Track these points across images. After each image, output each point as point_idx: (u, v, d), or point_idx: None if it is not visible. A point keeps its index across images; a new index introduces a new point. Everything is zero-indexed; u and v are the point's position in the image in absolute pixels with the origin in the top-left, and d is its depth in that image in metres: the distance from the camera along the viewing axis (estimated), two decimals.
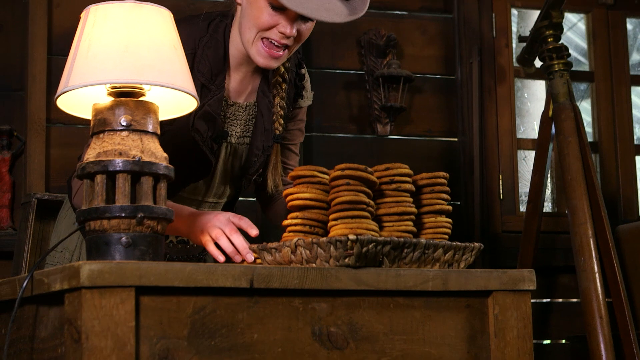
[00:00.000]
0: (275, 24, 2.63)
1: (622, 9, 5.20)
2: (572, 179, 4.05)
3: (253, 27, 2.65)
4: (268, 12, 2.62)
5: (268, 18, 2.63)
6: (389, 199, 2.33)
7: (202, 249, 2.95)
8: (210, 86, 2.74)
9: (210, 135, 2.75)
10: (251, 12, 2.65)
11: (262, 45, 2.66)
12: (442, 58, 4.91)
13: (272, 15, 2.62)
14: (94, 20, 2.16)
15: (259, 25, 2.64)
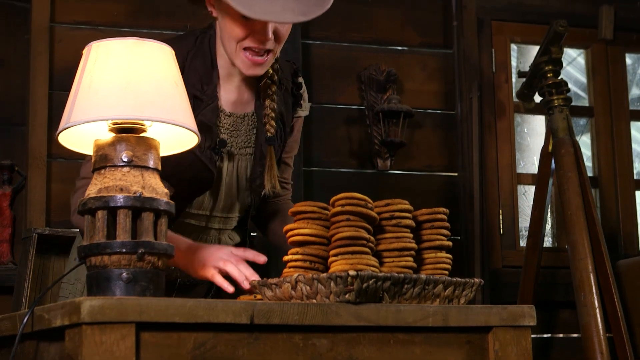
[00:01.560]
0: (249, 32, 2.63)
1: (621, 45, 5.22)
2: (572, 214, 4.06)
3: (231, 39, 2.65)
4: (240, 22, 2.62)
5: (241, 28, 2.63)
6: (389, 235, 2.33)
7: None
8: (202, 97, 2.72)
9: (208, 145, 2.72)
10: (225, 25, 2.66)
11: (245, 55, 2.66)
12: (442, 93, 4.92)
13: (245, 24, 2.62)
14: (96, 56, 2.18)
15: (235, 36, 2.64)
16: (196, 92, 2.71)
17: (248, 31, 2.63)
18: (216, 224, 2.90)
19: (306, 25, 4.69)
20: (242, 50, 2.66)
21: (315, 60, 4.73)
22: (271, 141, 2.84)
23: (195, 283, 2.90)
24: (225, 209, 2.89)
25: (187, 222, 2.83)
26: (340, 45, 4.78)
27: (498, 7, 5.04)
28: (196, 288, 2.91)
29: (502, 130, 4.95)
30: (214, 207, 2.86)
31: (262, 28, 2.62)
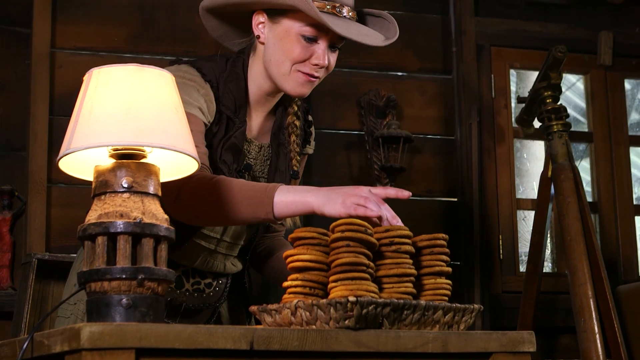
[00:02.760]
0: (309, 55, 2.68)
1: (620, 70, 5.23)
2: (572, 240, 4.06)
3: (287, 61, 2.69)
4: (302, 44, 2.67)
5: (302, 50, 2.67)
6: (389, 261, 2.33)
7: (219, 296, 2.93)
8: (235, 119, 2.74)
9: (236, 167, 2.74)
10: (283, 47, 2.68)
11: (298, 75, 2.70)
12: (442, 118, 4.93)
13: (306, 47, 2.67)
14: (97, 83, 2.18)
15: (294, 58, 2.68)
16: (230, 114, 2.74)
17: (309, 54, 2.68)
18: (223, 249, 2.89)
19: None
20: (296, 72, 2.69)
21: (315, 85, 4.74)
22: (296, 175, 2.88)
23: (200, 308, 2.90)
24: (235, 235, 2.89)
25: (198, 242, 2.83)
26: (340, 70, 4.79)
27: (497, 32, 5.06)
28: (200, 313, 2.91)
29: (501, 156, 4.96)
30: (224, 231, 2.86)
31: (322, 52, 2.68)
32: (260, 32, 2.75)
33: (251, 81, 2.81)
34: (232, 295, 3.06)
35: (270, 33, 2.72)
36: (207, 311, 2.93)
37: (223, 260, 2.93)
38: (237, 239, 2.92)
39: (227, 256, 2.94)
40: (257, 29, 2.75)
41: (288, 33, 2.67)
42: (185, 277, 2.86)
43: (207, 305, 2.91)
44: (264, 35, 2.74)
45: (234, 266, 2.98)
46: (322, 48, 2.69)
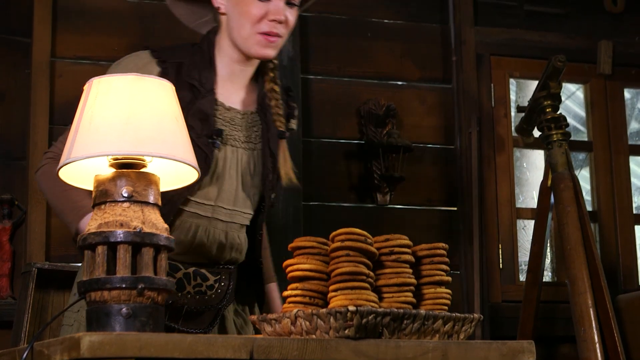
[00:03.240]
0: (265, 12, 2.79)
1: (619, 79, 5.24)
2: (572, 249, 4.06)
3: (246, 23, 2.80)
4: (256, 4, 2.78)
5: (258, 9, 2.78)
6: (389, 270, 2.33)
7: (221, 298, 2.92)
8: (200, 88, 2.83)
9: (205, 133, 2.80)
10: (240, 11, 2.81)
11: (259, 37, 2.80)
12: (442, 128, 4.93)
13: (261, 6, 2.78)
14: (97, 92, 2.19)
15: (251, 18, 2.79)
16: (194, 82, 2.83)
17: (264, 11, 2.78)
18: (222, 216, 2.88)
19: (306, 60, 4.71)
20: (255, 34, 2.80)
21: (315, 95, 4.75)
22: (283, 135, 2.97)
23: (202, 310, 2.89)
24: (230, 201, 2.90)
25: (194, 212, 2.84)
26: (340, 80, 4.80)
27: (497, 42, 5.07)
28: (202, 315, 2.90)
29: (501, 165, 4.96)
30: (217, 197, 2.87)
31: (276, 9, 2.78)
32: (220, 4, 2.87)
33: (221, 54, 2.90)
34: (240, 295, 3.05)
35: (228, 2, 2.85)
36: (209, 313, 2.91)
37: (224, 228, 2.90)
38: (234, 204, 2.91)
39: (229, 224, 2.91)
40: (217, 1, 2.87)
41: None
42: (187, 279, 2.86)
43: (209, 307, 2.90)
44: (224, 5, 2.86)
45: (239, 239, 2.95)
46: (278, 4, 2.79)
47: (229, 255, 2.93)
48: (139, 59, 2.86)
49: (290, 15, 2.83)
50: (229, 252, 2.93)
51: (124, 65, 2.83)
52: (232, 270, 2.96)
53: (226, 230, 2.91)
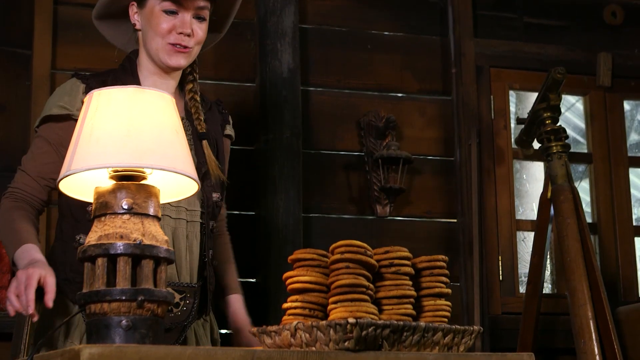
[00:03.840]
0: (173, 26, 2.98)
1: (619, 91, 5.24)
2: (572, 261, 4.06)
3: (156, 36, 2.99)
4: (165, 18, 2.97)
5: (167, 24, 2.97)
6: (389, 282, 2.33)
7: (186, 315, 2.99)
8: None
9: None
10: (150, 25, 3.00)
11: (168, 47, 2.98)
12: (441, 139, 4.94)
13: (169, 20, 2.98)
14: (97, 104, 2.19)
15: (160, 31, 2.98)
16: None
17: (172, 25, 2.97)
18: (169, 212, 2.98)
19: (306, 72, 4.71)
20: (166, 44, 2.99)
21: (315, 106, 4.75)
22: (203, 136, 3.10)
23: (169, 328, 2.94)
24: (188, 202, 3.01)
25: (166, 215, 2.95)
26: (340, 91, 4.81)
27: (496, 54, 5.07)
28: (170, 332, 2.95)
29: (501, 177, 4.96)
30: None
31: (182, 23, 2.97)
32: (135, 21, 3.07)
33: (142, 68, 3.08)
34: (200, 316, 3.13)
35: (142, 18, 3.04)
36: (175, 330, 2.97)
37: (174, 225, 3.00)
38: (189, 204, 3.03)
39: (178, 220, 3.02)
40: (133, 19, 3.07)
41: (152, 12, 2.99)
42: None
43: (176, 324, 2.97)
44: (139, 22, 3.06)
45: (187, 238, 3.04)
46: (184, 18, 2.98)
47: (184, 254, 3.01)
48: (66, 83, 3.04)
49: (198, 28, 3.02)
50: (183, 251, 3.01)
51: (54, 95, 3.04)
52: (195, 288, 3.03)
53: (175, 226, 3.00)
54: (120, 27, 3.17)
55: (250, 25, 4.69)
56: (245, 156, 4.48)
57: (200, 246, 3.07)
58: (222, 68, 4.62)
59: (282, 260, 4.16)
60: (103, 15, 3.15)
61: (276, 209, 4.31)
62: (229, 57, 4.67)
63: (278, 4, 4.49)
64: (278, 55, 4.45)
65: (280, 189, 4.33)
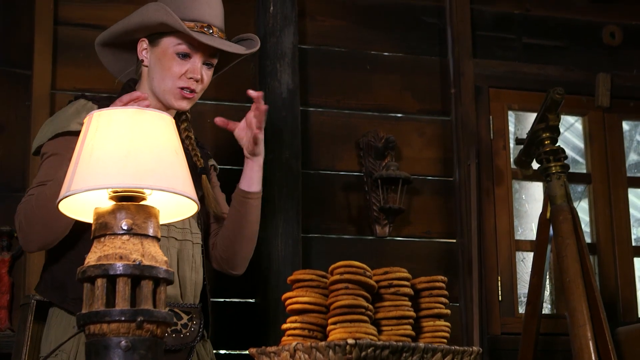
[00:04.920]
0: (185, 70, 3.04)
1: (618, 112, 5.25)
2: (571, 281, 4.06)
3: (166, 78, 3.04)
4: (177, 61, 3.04)
5: (178, 66, 3.04)
6: (388, 303, 2.34)
7: (194, 336, 3.00)
8: None
9: None
10: (162, 65, 3.05)
11: (177, 91, 3.04)
12: (440, 160, 4.94)
13: (182, 63, 3.04)
14: (97, 125, 2.20)
15: (172, 74, 3.04)
16: None
17: (184, 69, 3.03)
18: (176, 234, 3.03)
19: (305, 93, 4.72)
20: (175, 87, 3.04)
21: (314, 126, 4.76)
22: (204, 171, 3.19)
23: (179, 349, 2.94)
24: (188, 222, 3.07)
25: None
26: (339, 112, 4.82)
27: (495, 74, 5.08)
28: (178, 353, 2.96)
29: (500, 197, 4.96)
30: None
31: (194, 68, 3.04)
32: (144, 57, 3.10)
33: None
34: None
35: (152, 56, 3.08)
36: (184, 351, 2.99)
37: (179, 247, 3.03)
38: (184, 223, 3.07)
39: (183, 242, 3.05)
40: (142, 54, 3.10)
41: (165, 53, 3.04)
42: None
43: (185, 345, 2.98)
44: (148, 58, 3.10)
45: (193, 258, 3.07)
46: (196, 63, 3.05)
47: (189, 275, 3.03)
48: (78, 103, 3.05)
49: (205, 75, 3.09)
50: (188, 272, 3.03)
51: (64, 111, 3.04)
52: (199, 309, 3.07)
53: (180, 248, 3.04)
54: (121, 56, 3.22)
55: None
56: None
57: (203, 268, 3.09)
58: (222, 88, 4.63)
59: (281, 280, 4.16)
60: (107, 43, 3.19)
61: (275, 230, 4.31)
62: (229, 77, 4.66)
63: (277, 25, 4.50)
64: (277, 75, 4.46)
65: (279, 209, 4.33)
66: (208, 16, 3.08)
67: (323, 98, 4.81)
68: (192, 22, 3.03)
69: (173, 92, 3.04)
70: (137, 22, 3.05)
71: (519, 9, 5.23)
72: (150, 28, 3.04)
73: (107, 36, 3.16)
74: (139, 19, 3.05)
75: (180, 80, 3.03)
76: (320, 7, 4.91)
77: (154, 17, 3.00)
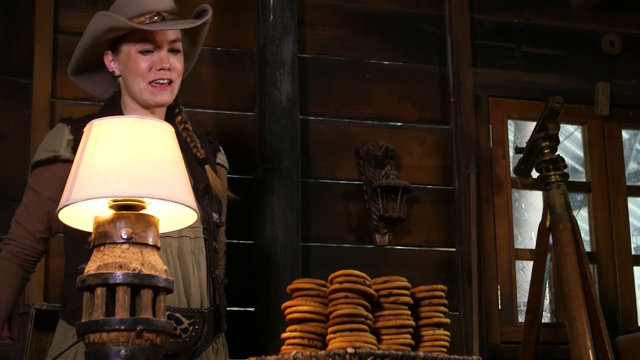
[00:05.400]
0: (151, 64, 3.04)
1: (617, 121, 5.25)
2: (570, 290, 4.06)
3: (137, 78, 3.05)
4: (142, 58, 3.04)
5: (144, 62, 3.04)
6: (387, 312, 2.34)
7: (195, 341, 3.00)
8: None
9: None
10: (130, 68, 3.06)
11: (151, 87, 3.05)
12: (440, 168, 4.94)
13: (146, 59, 3.04)
14: (97, 134, 2.20)
15: (140, 72, 3.04)
16: None
17: (150, 63, 3.04)
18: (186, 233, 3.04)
19: (305, 101, 4.73)
20: (148, 84, 3.05)
21: (314, 135, 4.77)
22: (205, 161, 3.18)
23: (177, 353, 2.95)
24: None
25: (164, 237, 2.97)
26: (339, 120, 4.82)
27: (495, 83, 5.09)
28: (177, 358, 2.96)
29: (499, 206, 4.96)
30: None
31: (160, 58, 3.04)
32: (113, 68, 3.12)
33: (127, 109, 3.13)
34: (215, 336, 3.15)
35: (119, 64, 3.10)
36: (184, 356, 2.99)
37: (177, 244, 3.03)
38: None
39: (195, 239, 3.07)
40: (110, 67, 3.13)
41: (128, 56, 3.06)
42: None
43: (185, 349, 2.98)
44: (117, 69, 3.11)
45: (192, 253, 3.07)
46: (161, 54, 3.04)
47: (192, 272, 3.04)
48: (53, 129, 3.13)
49: (176, 61, 3.08)
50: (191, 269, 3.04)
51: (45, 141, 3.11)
52: (205, 313, 3.06)
53: (179, 245, 3.04)
54: (96, 78, 3.23)
55: (249, 55, 4.71)
56: (244, 185, 4.48)
57: (207, 261, 3.08)
58: (221, 97, 4.63)
59: (281, 289, 4.15)
60: (79, 70, 3.21)
61: (275, 238, 4.31)
62: (229, 86, 4.69)
63: (277, 34, 4.50)
64: (277, 84, 4.47)
65: (279, 218, 4.33)
66: (153, 5, 3.05)
67: (323, 107, 4.82)
68: (141, 16, 3.03)
69: (147, 89, 3.05)
70: (90, 38, 3.07)
71: (518, 18, 5.23)
72: (104, 39, 3.05)
73: (74, 63, 3.18)
74: (90, 34, 3.06)
75: (149, 75, 3.04)
76: (320, 16, 4.92)
77: (100, 26, 3.01)
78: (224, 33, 4.71)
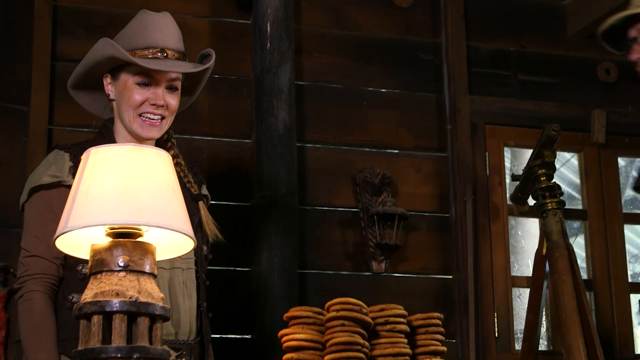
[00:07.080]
0: (145, 98, 3.03)
1: (613, 148, 5.26)
2: (567, 318, 4.05)
3: (129, 108, 3.04)
4: (137, 91, 3.03)
5: (139, 95, 3.03)
6: (384, 340, 2.34)
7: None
8: None
9: None
10: (124, 97, 3.04)
11: (141, 120, 3.04)
12: (437, 196, 4.95)
13: (142, 92, 3.03)
14: (94, 162, 2.20)
15: (133, 103, 3.03)
16: None
17: (145, 97, 3.03)
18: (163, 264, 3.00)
19: (302, 129, 4.74)
20: (138, 116, 3.04)
21: (311, 163, 4.77)
22: (199, 197, 3.19)
23: None
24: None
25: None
26: (336, 148, 4.83)
27: (491, 111, 5.10)
28: None
29: (496, 233, 4.96)
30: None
31: (155, 95, 3.03)
32: (110, 92, 3.12)
33: (119, 135, 3.12)
34: None
35: (116, 90, 3.09)
36: None
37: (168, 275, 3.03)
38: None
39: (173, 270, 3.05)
40: (108, 90, 3.12)
41: (125, 85, 3.04)
42: None
43: None
44: (113, 93, 3.11)
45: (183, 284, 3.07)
46: (157, 90, 3.03)
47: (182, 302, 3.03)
48: (49, 156, 3.09)
49: (171, 99, 3.06)
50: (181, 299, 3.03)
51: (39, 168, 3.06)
52: (192, 345, 3.05)
53: (171, 276, 3.04)
54: (94, 95, 3.22)
55: (246, 82, 4.72)
56: (241, 212, 4.49)
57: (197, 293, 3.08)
58: (218, 124, 4.64)
59: (278, 317, 4.15)
60: (78, 85, 3.20)
61: (272, 265, 4.31)
62: (226, 113, 4.70)
63: (274, 61, 4.52)
64: (274, 112, 4.48)
65: (275, 245, 4.33)
66: (160, 41, 3.04)
67: (319, 134, 4.83)
68: (146, 49, 3.02)
69: (137, 122, 3.03)
70: (92, 60, 3.07)
71: (514, 46, 5.25)
72: (105, 64, 3.05)
73: (74, 79, 3.17)
74: (92, 57, 3.06)
75: (141, 107, 3.02)
76: (317, 43, 4.94)
77: (103, 52, 3.00)
78: (222, 60, 4.71)
